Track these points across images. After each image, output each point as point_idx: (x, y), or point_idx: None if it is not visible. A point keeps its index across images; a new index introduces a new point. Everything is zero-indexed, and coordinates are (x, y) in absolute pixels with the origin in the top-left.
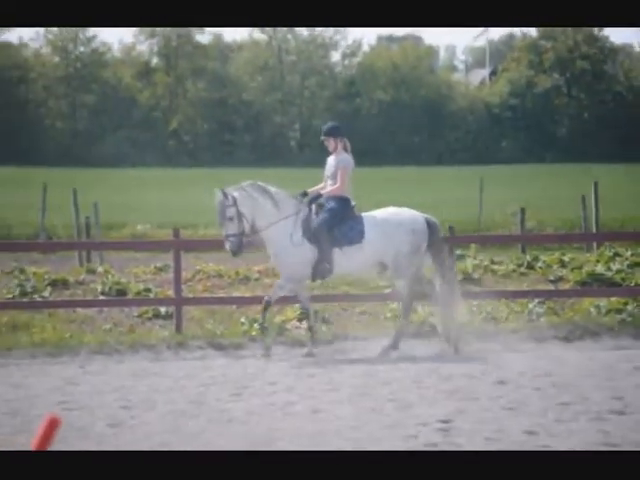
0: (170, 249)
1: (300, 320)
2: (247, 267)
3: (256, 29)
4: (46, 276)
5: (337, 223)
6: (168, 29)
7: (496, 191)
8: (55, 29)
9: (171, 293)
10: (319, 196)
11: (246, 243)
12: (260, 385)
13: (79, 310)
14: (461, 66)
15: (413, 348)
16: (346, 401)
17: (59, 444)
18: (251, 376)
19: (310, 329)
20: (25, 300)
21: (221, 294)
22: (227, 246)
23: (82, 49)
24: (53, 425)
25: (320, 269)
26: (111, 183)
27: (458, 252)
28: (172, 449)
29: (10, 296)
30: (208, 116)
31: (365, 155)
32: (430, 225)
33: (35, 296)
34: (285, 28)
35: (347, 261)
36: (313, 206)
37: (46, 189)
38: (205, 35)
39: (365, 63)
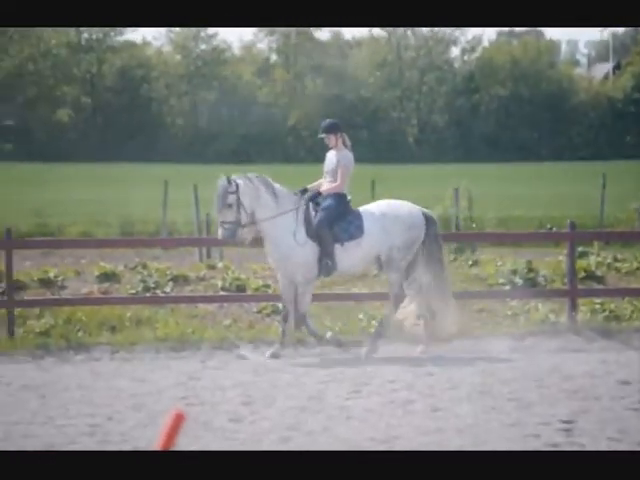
0: None
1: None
2: None
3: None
4: (168, 272)
5: (336, 219)
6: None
7: (619, 187)
8: (178, 28)
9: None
10: (318, 194)
11: (240, 234)
12: (379, 382)
13: (200, 305)
14: (583, 60)
15: (533, 346)
16: (465, 399)
17: (182, 438)
18: (370, 373)
19: (283, 331)
20: (148, 295)
21: (339, 290)
22: (220, 233)
23: (203, 47)
24: (179, 420)
25: (324, 266)
26: None
27: (580, 249)
28: (292, 445)
29: (134, 291)
30: (326, 112)
31: (483, 150)
32: (427, 219)
33: (157, 291)
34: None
35: (348, 257)
36: (311, 204)
37: (168, 186)
38: (324, 32)
39: (484, 58)
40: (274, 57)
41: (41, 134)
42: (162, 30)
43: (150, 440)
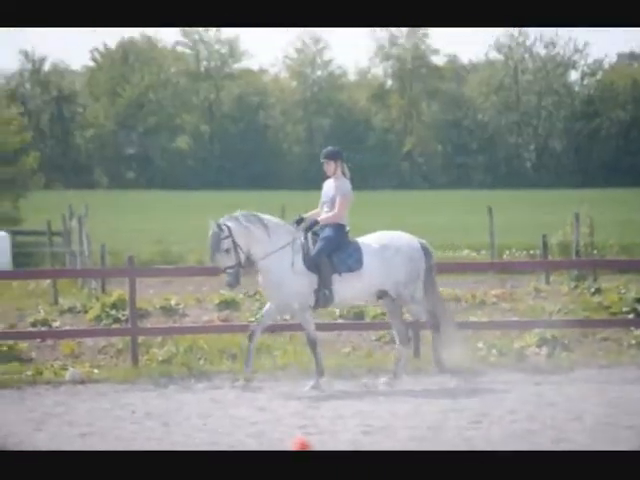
0: None
1: (539, 346)
2: (484, 291)
3: (492, 50)
4: None
5: (335, 250)
6: (402, 51)
7: None
8: (294, 54)
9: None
10: (316, 223)
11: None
12: (500, 413)
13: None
14: None
15: None
16: (589, 431)
17: None
18: (490, 403)
19: (317, 359)
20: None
21: (457, 319)
22: (225, 279)
23: (319, 73)
24: (303, 449)
25: (321, 297)
26: None
27: None
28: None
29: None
30: (442, 137)
31: (603, 175)
32: (425, 250)
33: (287, 319)
34: (521, 48)
35: (347, 288)
36: (309, 234)
37: (284, 212)
38: (440, 56)
39: (605, 81)
40: (389, 82)
41: (161, 162)
42: (279, 56)
43: None
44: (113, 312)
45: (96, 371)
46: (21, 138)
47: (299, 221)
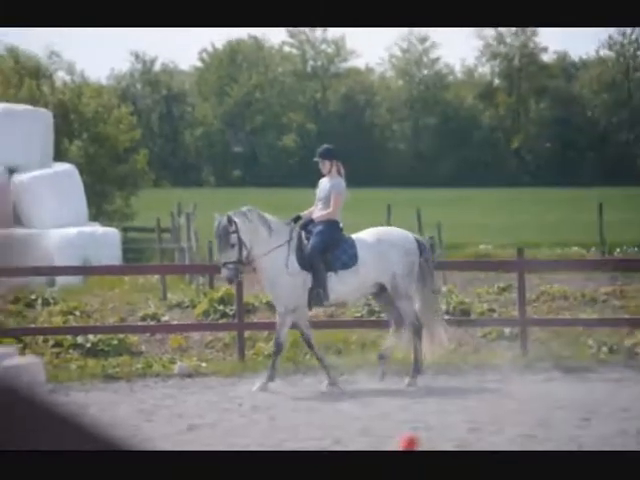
0: (514, 269)
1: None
2: (593, 289)
3: (604, 47)
4: None
5: (329, 247)
6: (510, 49)
7: None
8: (400, 53)
9: (515, 314)
10: (311, 221)
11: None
12: (610, 411)
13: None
14: None
15: None
16: None
17: None
18: (600, 401)
19: (320, 360)
20: (372, 319)
21: (567, 315)
22: (225, 274)
23: (425, 72)
24: (412, 445)
25: (315, 295)
26: (453, 203)
27: None
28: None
29: (358, 314)
30: (551, 135)
31: None
32: (420, 245)
33: (382, 315)
34: (634, 45)
35: (342, 286)
36: (303, 232)
37: (390, 210)
38: (549, 54)
39: None
40: (497, 81)
41: (267, 160)
42: (385, 56)
43: None
44: (220, 307)
45: (204, 365)
46: (131, 136)
47: (296, 219)
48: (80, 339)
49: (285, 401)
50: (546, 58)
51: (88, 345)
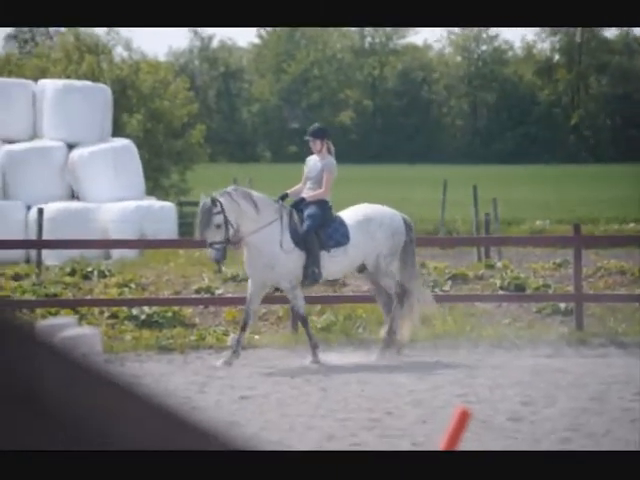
0: (570, 245)
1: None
2: None
3: None
4: (446, 270)
5: (321, 226)
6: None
7: None
8: (457, 30)
9: (571, 289)
10: (303, 200)
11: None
12: None
13: (478, 304)
14: None
15: None
16: None
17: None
18: None
19: (308, 333)
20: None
21: (623, 291)
22: (212, 255)
23: (484, 48)
24: (464, 418)
25: (310, 274)
26: (510, 179)
27: None
28: (573, 446)
29: None
30: (611, 111)
31: None
32: (406, 224)
33: (436, 290)
34: None
35: (335, 264)
36: (295, 211)
37: (446, 186)
38: (611, 30)
39: None
40: (557, 57)
41: None
42: (443, 32)
43: (428, 436)
44: None
45: (257, 337)
46: (188, 110)
47: (283, 197)
48: (135, 311)
49: (337, 373)
50: (608, 34)
51: (143, 317)
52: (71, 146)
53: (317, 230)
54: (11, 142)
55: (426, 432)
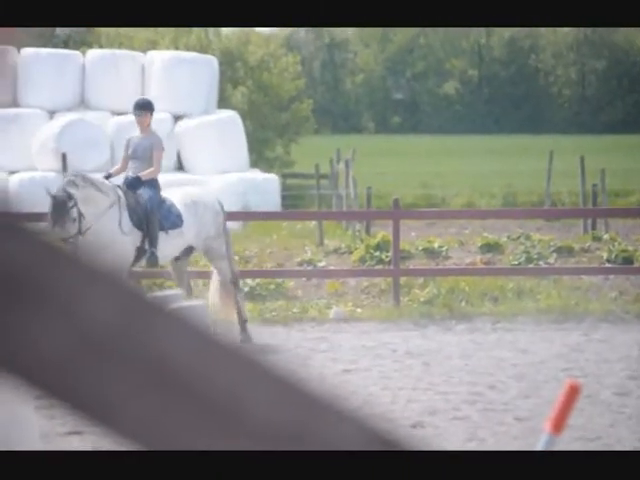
0: None
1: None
2: None
3: None
4: (551, 243)
5: (158, 207)
6: None
7: None
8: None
9: None
10: (138, 179)
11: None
12: None
13: (584, 277)
14: None
15: None
16: None
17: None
18: None
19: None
20: (531, 266)
21: None
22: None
23: None
24: (574, 392)
25: (150, 255)
26: (619, 149)
27: None
28: None
29: (516, 262)
30: None
31: None
32: (222, 207)
33: (540, 262)
34: None
35: (170, 246)
36: (130, 191)
37: (552, 156)
38: None
39: None
40: None
41: (428, 107)
42: None
43: (532, 410)
44: (377, 254)
45: (359, 310)
46: (296, 85)
47: (107, 177)
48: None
49: (439, 347)
50: None
51: (246, 289)
52: (177, 117)
53: (156, 211)
54: (120, 114)
55: (529, 407)
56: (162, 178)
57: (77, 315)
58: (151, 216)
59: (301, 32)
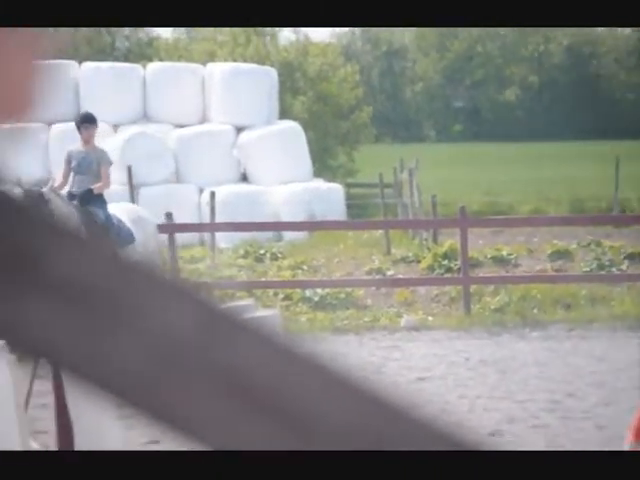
0: None
1: None
2: None
3: None
4: (622, 250)
5: (111, 223)
6: None
7: None
8: None
9: None
10: (89, 193)
11: None
12: None
13: None
14: None
15: None
16: None
17: None
18: None
19: None
20: (603, 273)
21: None
22: None
23: None
24: None
25: None
26: None
27: None
28: None
29: (587, 269)
30: None
31: None
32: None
33: (612, 269)
34: None
35: None
36: (82, 205)
37: (619, 162)
38: None
39: None
40: None
41: (488, 114)
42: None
43: (612, 418)
44: (445, 262)
45: (430, 318)
46: (355, 94)
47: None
48: (308, 292)
49: (513, 355)
50: None
51: (316, 299)
52: (239, 129)
53: (111, 227)
54: (182, 126)
55: (610, 414)
56: (227, 190)
57: (153, 327)
58: (107, 233)
59: (358, 41)
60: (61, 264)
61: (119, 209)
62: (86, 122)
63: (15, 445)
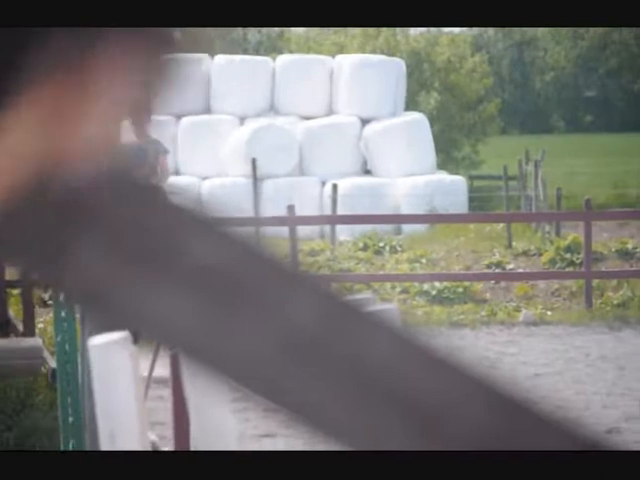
0: None
1: None
2: None
3: None
4: None
5: None
6: None
7: None
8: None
9: None
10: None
11: None
12: None
13: None
14: None
15: None
16: None
17: None
18: None
19: None
20: None
21: None
22: None
23: None
24: None
25: None
26: None
27: None
28: None
29: None
30: None
31: None
32: None
33: None
34: None
35: None
36: None
37: None
38: None
39: None
40: None
41: (621, 104)
42: None
43: None
44: (567, 255)
45: (549, 313)
46: (483, 85)
47: None
48: (426, 286)
49: (635, 351)
50: None
51: (434, 292)
52: (364, 121)
53: None
54: (308, 118)
55: None
56: (349, 182)
57: (278, 318)
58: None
59: (490, 31)
60: (202, 255)
61: None
62: None
63: (134, 435)
